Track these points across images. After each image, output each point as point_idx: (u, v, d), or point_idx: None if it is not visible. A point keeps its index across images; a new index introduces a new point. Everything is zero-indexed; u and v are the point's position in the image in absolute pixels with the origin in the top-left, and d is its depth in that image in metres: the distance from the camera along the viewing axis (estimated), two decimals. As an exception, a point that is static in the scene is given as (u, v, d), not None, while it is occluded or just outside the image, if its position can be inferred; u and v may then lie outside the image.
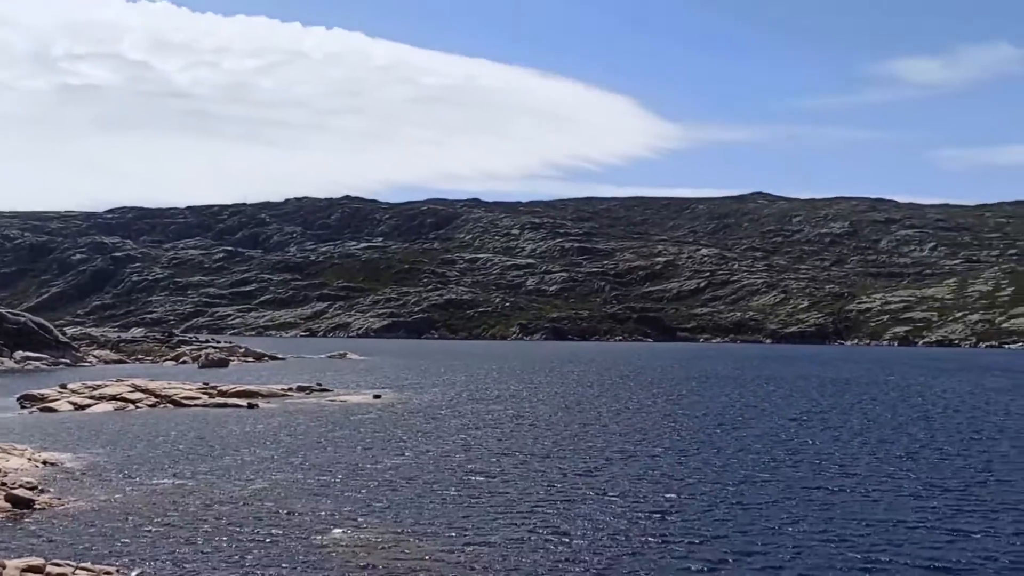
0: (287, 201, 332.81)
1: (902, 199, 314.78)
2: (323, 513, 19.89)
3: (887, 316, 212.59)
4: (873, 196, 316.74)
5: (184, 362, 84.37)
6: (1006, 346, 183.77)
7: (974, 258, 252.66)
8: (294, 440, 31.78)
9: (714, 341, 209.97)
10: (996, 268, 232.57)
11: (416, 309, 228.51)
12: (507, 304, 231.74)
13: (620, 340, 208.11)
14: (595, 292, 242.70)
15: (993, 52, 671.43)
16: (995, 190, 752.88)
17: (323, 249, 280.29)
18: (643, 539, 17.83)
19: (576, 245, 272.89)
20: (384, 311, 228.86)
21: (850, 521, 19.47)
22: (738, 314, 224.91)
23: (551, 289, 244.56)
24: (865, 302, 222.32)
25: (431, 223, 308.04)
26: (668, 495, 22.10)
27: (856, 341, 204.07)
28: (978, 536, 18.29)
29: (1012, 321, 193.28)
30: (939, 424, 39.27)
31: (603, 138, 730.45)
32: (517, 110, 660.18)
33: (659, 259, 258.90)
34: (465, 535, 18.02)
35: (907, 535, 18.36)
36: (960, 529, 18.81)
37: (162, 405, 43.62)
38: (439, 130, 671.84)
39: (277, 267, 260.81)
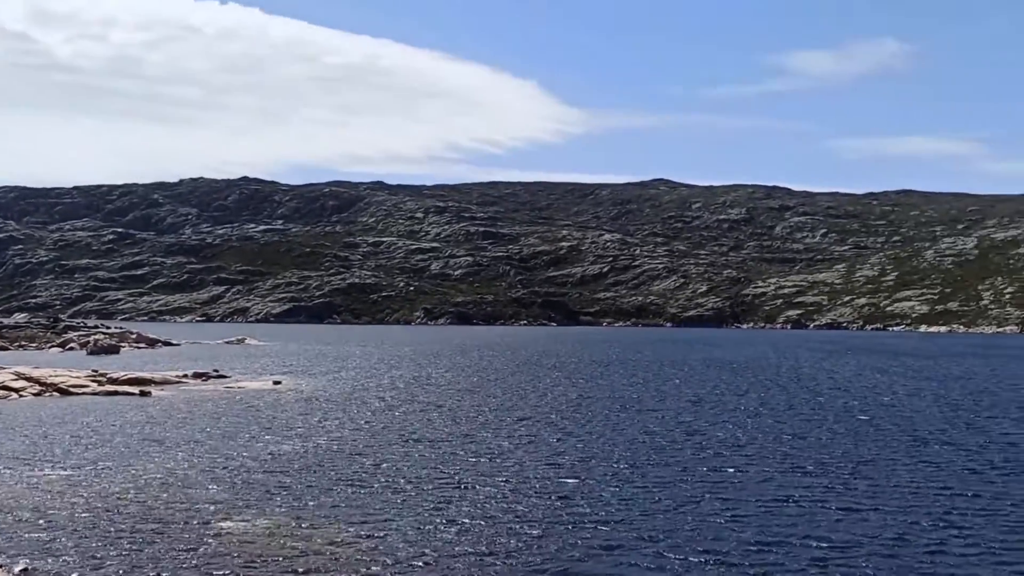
0: (181, 182, 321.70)
1: (796, 187, 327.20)
2: (220, 503, 19.16)
3: (781, 300, 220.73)
4: (769, 184, 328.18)
5: (71, 349, 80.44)
6: (890, 328, 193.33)
7: (862, 244, 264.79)
8: (189, 428, 30.64)
9: (617, 325, 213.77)
10: (882, 254, 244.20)
11: (318, 294, 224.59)
12: (411, 288, 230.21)
13: (525, 324, 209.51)
14: (500, 276, 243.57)
15: (881, 47, 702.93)
16: (882, 179, 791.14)
17: (220, 232, 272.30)
18: (546, 523, 17.76)
19: (481, 229, 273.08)
20: (284, 295, 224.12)
21: (746, 500, 19.86)
22: (640, 298, 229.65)
23: (456, 273, 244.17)
24: (760, 287, 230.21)
25: (333, 206, 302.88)
26: (570, 479, 22.14)
27: (752, 324, 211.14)
28: (866, 512, 18.94)
29: (896, 305, 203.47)
30: (829, 405, 40.82)
31: (508, 122, 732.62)
32: (421, 92, 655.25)
33: (563, 244, 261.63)
34: (366, 522, 17.65)
35: (800, 512, 18.83)
36: (850, 507, 19.39)
37: (48, 394, 41.40)
38: (341, 111, 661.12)
39: (171, 250, 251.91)
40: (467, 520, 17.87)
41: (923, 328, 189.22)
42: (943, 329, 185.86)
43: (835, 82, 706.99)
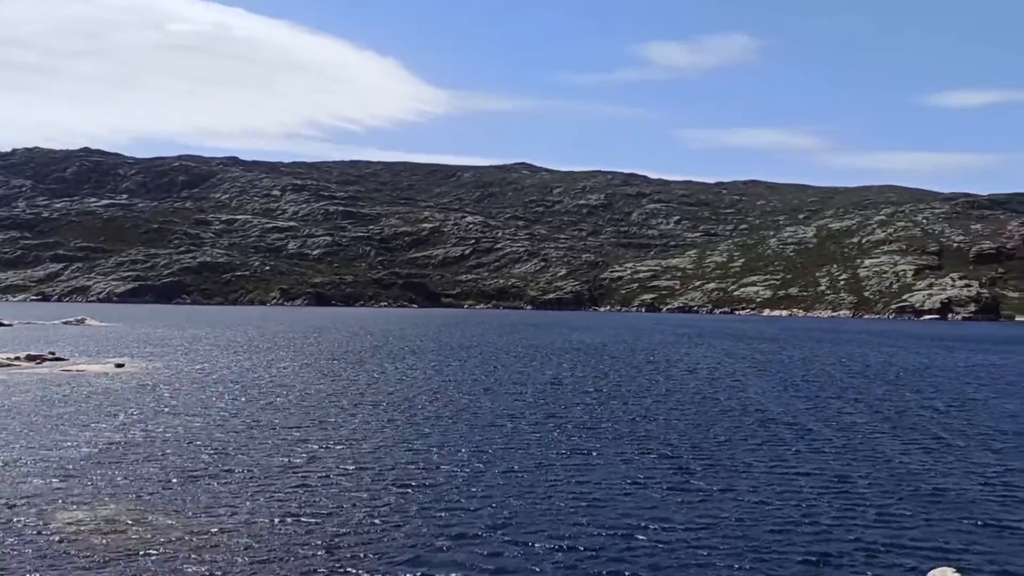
0: (14, 151, 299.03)
1: (652, 175, 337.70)
2: (56, 494, 17.54)
3: (637, 284, 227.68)
4: (626, 171, 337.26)
5: None
6: (737, 312, 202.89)
7: (712, 231, 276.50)
8: (23, 415, 28.08)
9: (478, 307, 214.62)
10: (730, 241, 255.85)
11: (166, 272, 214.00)
12: (267, 268, 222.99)
13: (385, 306, 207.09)
14: (360, 257, 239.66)
15: (732, 41, 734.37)
16: (731, 169, 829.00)
17: (58, 205, 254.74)
18: (398, 512, 17.13)
19: (341, 209, 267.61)
20: (129, 274, 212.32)
21: (599, 484, 19.75)
22: (501, 281, 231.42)
23: (314, 253, 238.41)
24: (617, 271, 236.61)
25: (183, 181, 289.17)
26: (425, 466, 21.46)
27: (609, 307, 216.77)
28: (715, 492, 19.27)
29: (743, 289, 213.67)
30: (680, 387, 42.04)
31: (370, 100, 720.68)
32: (278, 65, 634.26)
33: (425, 225, 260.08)
34: (210, 513, 16.56)
35: (651, 496, 18.84)
36: (699, 488, 19.65)
37: None
38: (191, 82, 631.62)
39: (3, 224, 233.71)
40: (315, 510, 16.97)
41: (767, 312, 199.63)
42: (784, 313, 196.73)
43: (689, 74, 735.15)
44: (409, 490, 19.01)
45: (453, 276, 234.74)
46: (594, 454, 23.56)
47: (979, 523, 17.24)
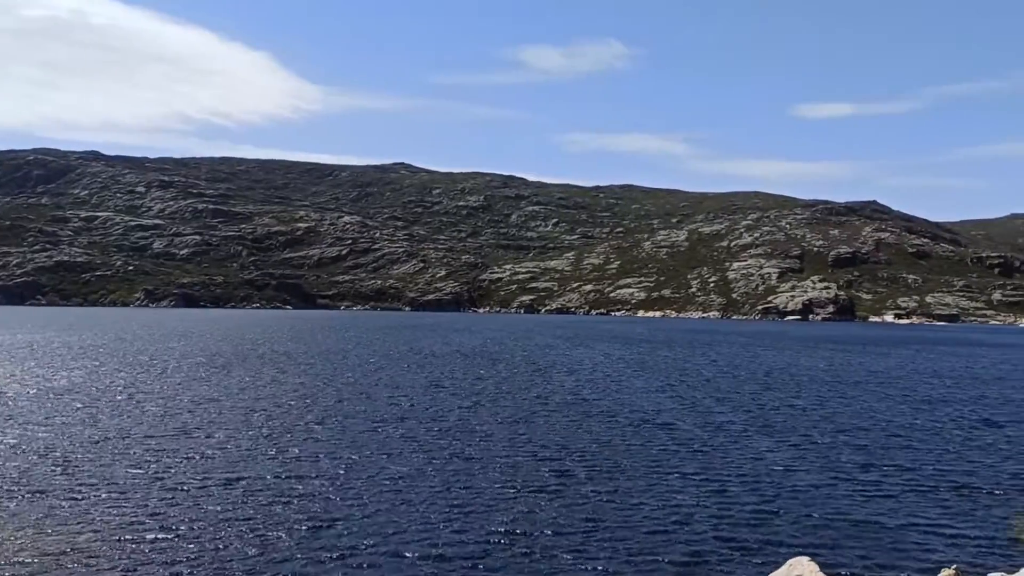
0: None
1: (531, 177, 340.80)
2: None
3: (515, 286, 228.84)
4: (505, 173, 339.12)
5: None
6: (613, 313, 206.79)
7: (589, 234, 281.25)
8: None
9: (355, 309, 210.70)
10: (606, 244, 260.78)
11: (18, 272, 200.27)
12: (130, 268, 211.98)
13: (258, 307, 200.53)
14: (231, 257, 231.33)
15: (607, 47, 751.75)
16: (608, 173, 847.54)
17: None
18: (265, 525, 15.92)
19: (211, 207, 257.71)
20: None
21: (479, 488, 19.20)
22: (379, 282, 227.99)
23: (182, 253, 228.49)
24: (497, 272, 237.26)
25: (39, 176, 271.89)
26: (288, 476, 20.26)
27: (488, 309, 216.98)
28: (585, 492, 18.97)
29: (618, 291, 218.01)
30: (558, 388, 41.80)
31: (241, 95, 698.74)
32: (140, 55, 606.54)
33: (300, 225, 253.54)
34: (58, 529, 15.30)
35: (523, 502, 18.46)
36: (572, 489, 19.38)
37: None
38: (47, 70, 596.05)
39: None
40: (168, 523, 15.69)
41: (641, 313, 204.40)
42: (658, 314, 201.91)
43: (565, 78, 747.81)
44: (277, 500, 17.87)
45: (329, 277, 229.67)
46: (473, 459, 22.95)
47: (834, 515, 17.92)
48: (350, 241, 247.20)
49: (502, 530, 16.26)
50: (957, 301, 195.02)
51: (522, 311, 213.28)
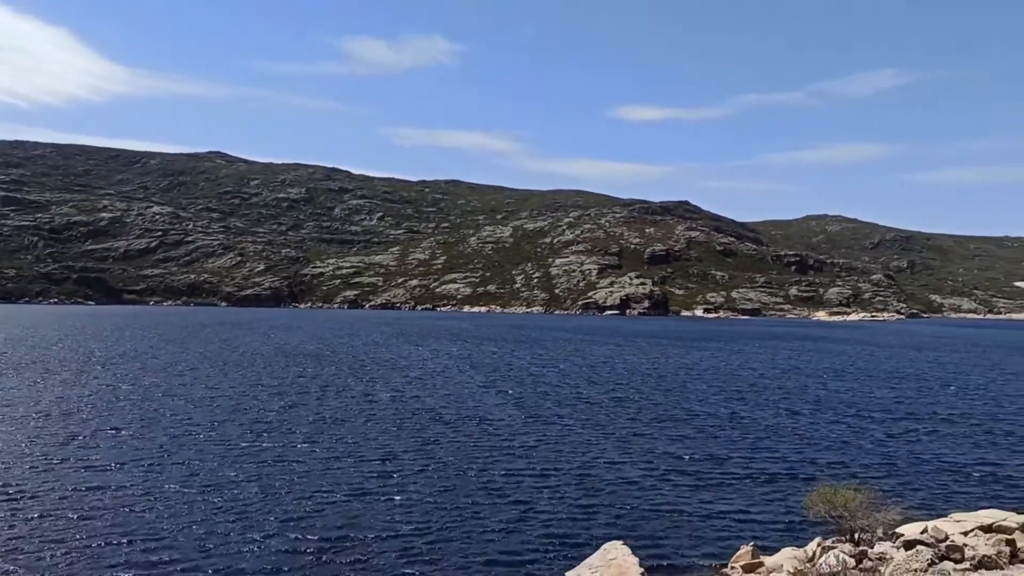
0: None
1: (355, 170, 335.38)
2: None
3: (339, 280, 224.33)
4: (328, 165, 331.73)
5: None
6: (439, 308, 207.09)
7: (415, 229, 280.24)
8: None
9: (166, 304, 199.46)
10: (432, 239, 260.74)
11: None
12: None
13: (56, 303, 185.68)
14: (25, 248, 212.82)
15: (432, 43, 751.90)
16: (434, 168, 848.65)
17: None
18: (35, 543, 14.57)
19: (1, 195, 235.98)
20: None
21: (291, 489, 18.55)
22: (192, 276, 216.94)
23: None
24: (319, 267, 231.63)
25: None
26: (82, 485, 18.81)
27: (310, 304, 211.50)
28: (412, 492, 18.75)
29: (444, 287, 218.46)
30: (384, 384, 41.24)
31: (37, 74, 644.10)
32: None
33: (104, 215, 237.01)
34: None
35: (350, 499, 18.04)
36: (393, 492, 19.10)
37: None
38: None
39: None
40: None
41: (467, 308, 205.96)
42: (483, 309, 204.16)
43: (391, 71, 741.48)
44: (78, 514, 16.59)
45: (137, 271, 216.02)
46: (296, 462, 22.31)
47: (647, 503, 18.91)
48: (160, 233, 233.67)
49: (329, 536, 15.87)
50: (759, 296, 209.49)
51: (346, 306, 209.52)
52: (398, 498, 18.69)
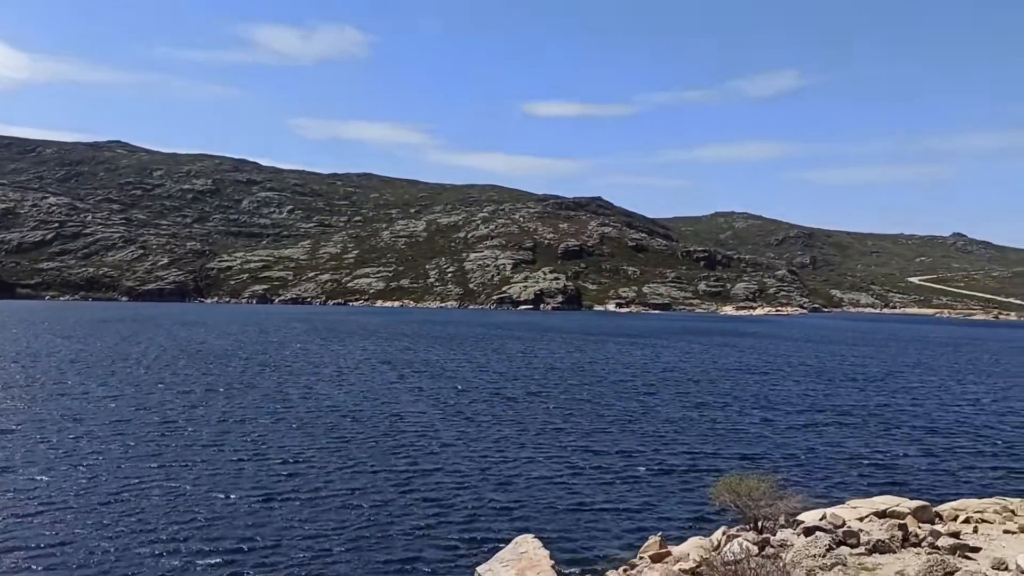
0: None
1: (264, 162, 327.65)
2: None
3: (247, 275, 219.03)
4: (236, 156, 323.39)
5: None
6: (351, 303, 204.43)
7: (326, 222, 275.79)
8: None
9: (63, 299, 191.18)
10: (344, 233, 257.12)
11: None
12: None
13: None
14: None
15: (343, 33, 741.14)
16: (346, 161, 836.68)
17: None
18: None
19: None
20: None
21: (172, 489, 18.04)
22: (91, 270, 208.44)
23: None
24: (227, 260, 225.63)
25: None
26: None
27: (217, 299, 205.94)
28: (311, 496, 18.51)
29: (356, 281, 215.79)
30: (293, 382, 40.51)
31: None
32: None
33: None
34: None
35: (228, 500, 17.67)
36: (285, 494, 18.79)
37: None
38: None
39: None
40: None
41: (380, 303, 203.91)
42: (397, 304, 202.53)
43: (300, 61, 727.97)
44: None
45: (32, 264, 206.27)
46: (201, 463, 21.65)
47: (560, 498, 19.12)
48: (56, 224, 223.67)
49: (238, 541, 15.51)
50: (669, 291, 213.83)
51: (254, 301, 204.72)
52: (310, 499, 18.38)
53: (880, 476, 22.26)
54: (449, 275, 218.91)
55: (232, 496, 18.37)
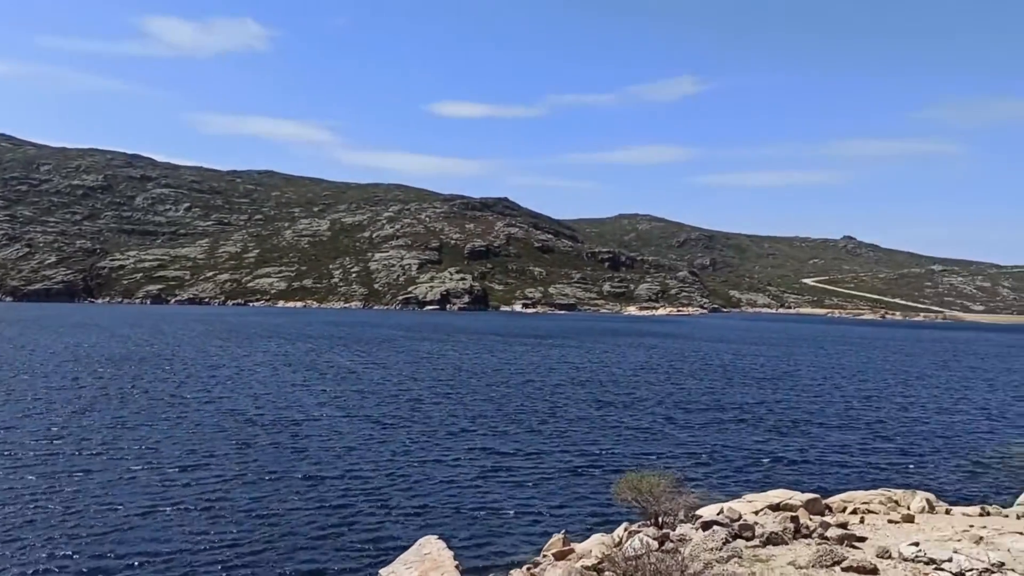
0: None
1: (160, 158, 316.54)
2: None
3: (141, 274, 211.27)
4: (130, 151, 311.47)
5: None
6: (252, 304, 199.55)
7: (225, 221, 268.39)
8: None
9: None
10: (244, 231, 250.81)
11: None
12: None
13: None
14: None
15: (242, 26, 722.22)
16: (246, 158, 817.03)
17: None
18: None
19: None
20: None
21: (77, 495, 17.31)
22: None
23: None
24: (119, 259, 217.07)
25: None
26: None
27: (108, 299, 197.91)
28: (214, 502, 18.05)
29: (257, 281, 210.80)
30: (190, 387, 39.35)
31: None
32: None
33: None
34: None
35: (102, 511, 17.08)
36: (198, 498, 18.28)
37: None
38: None
39: None
40: None
41: (281, 303, 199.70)
42: (299, 304, 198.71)
43: (197, 54, 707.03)
44: None
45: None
46: (89, 471, 20.73)
47: (463, 500, 19.20)
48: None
49: (131, 553, 14.93)
50: (575, 292, 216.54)
51: (149, 302, 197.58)
52: (208, 508, 17.86)
53: (777, 471, 23.11)
54: (354, 275, 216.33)
55: (125, 506, 17.70)
